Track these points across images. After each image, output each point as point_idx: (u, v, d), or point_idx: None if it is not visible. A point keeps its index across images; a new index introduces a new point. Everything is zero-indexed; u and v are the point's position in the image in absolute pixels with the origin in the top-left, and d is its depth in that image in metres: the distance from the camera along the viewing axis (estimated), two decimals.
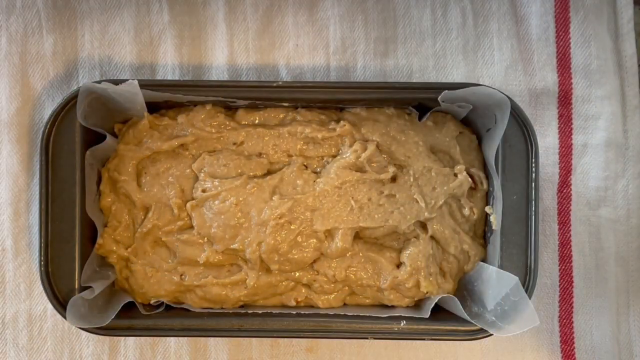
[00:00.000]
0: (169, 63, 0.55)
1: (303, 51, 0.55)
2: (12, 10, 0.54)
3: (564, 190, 0.55)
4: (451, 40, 0.55)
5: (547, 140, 0.55)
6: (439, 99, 0.48)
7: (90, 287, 0.49)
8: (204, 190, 0.50)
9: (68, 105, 0.48)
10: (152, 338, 0.55)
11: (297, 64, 0.55)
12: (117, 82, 0.47)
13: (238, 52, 0.55)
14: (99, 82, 0.47)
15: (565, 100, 0.55)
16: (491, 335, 0.48)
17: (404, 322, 0.49)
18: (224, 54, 0.55)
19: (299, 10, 0.55)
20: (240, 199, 0.50)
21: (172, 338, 0.54)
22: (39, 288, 0.54)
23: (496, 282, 0.48)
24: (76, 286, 0.48)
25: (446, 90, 0.47)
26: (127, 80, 0.47)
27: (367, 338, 0.49)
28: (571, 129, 0.56)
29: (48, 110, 0.55)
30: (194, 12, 0.55)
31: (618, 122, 0.55)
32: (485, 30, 0.55)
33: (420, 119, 0.52)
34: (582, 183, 0.56)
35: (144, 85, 0.47)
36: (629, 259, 0.55)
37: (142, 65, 0.55)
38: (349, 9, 0.55)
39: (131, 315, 0.50)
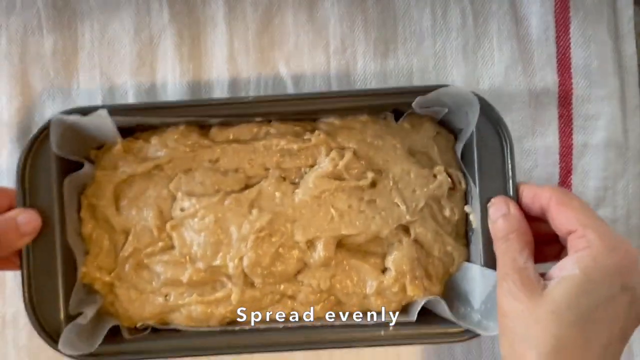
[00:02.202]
0: (169, 62, 0.55)
1: (303, 50, 0.55)
2: (12, 10, 0.54)
3: None
4: (451, 40, 0.55)
5: (547, 140, 0.55)
6: (412, 105, 0.48)
7: (80, 313, 0.48)
8: (182, 210, 0.50)
9: (40, 137, 0.47)
10: None
11: (297, 63, 0.55)
12: (87, 111, 0.47)
13: (238, 50, 0.55)
14: (69, 112, 0.47)
15: (565, 100, 0.55)
16: (479, 335, 0.48)
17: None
18: (224, 53, 0.55)
19: (299, 9, 0.55)
20: (219, 215, 0.49)
21: None
22: None
23: (481, 280, 0.48)
24: (62, 317, 0.48)
25: (418, 97, 0.47)
26: (98, 109, 0.47)
27: (355, 347, 0.49)
28: (571, 129, 0.56)
29: (49, 110, 0.55)
30: (193, 11, 0.55)
31: (618, 122, 0.55)
32: (485, 30, 0.55)
33: (396, 120, 0.52)
34: (582, 183, 0.56)
35: (113, 111, 0.47)
36: None
37: (141, 65, 0.55)
38: (349, 9, 0.55)
39: (118, 340, 0.49)
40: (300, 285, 0.51)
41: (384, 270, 0.51)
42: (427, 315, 0.50)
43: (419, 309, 0.49)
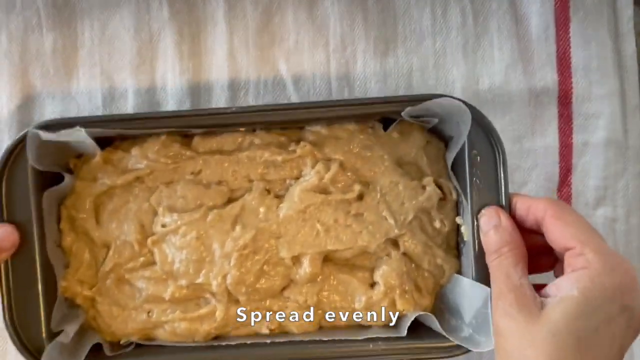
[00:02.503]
0: (169, 60, 0.55)
1: (303, 48, 0.55)
2: (12, 8, 0.55)
3: (564, 190, 0.56)
4: (451, 39, 0.55)
5: (547, 140, 0.55)
6: (402, 114, 0.47)
7: (61, 330, 0.47)
8: (163, 225, 0.49)
9: (17, 150, 0.46)
10: None
11: (297, 62, 0.55)
12: (64, 123, 0.46)
13: (238, 48, 0.55)
14: (46, 125, 0.46)
15: (565, 99, 0.55)
16: (470, 351, 0.47)
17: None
18: (224, 51, 0.55)
19: (299, 7, 0.55)
20: (201, 232, 0.48)
21: None
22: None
23: (470, 294, 0.47)
24: (44, 334, 0.47)
25: (408, 108, 0.47)
26: (74, 122, 0.46)
27: None
28: (571, 128, 0.56)
29: (49, 108, 0.55)
30: (193, 9, 0.55)
31: (618, 122, 0.55)
32: (485, 29, 0.55)
33: (385, 129, 0.51)
34: (582, 182, 0.56)
35: (91, 123, 0.46)
36: (630, 259, 0.55)
37: (141, 63, 0.55)
38: (349, 7, 0.55)
39: (101, 356, 0.48)
40: (286, 301, 0.50)
41: (372, 285, 0.50)
42: (417, 328, 0.49)
43: (408, 323, 0.48)
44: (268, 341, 0.48)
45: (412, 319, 0.48)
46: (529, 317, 0.39)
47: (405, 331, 0.48)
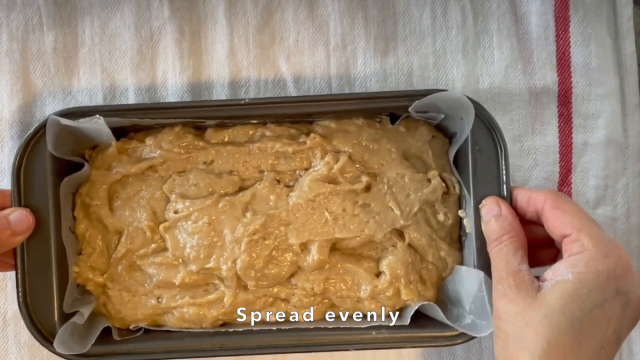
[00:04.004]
0: (169, 58, 0.55)
1: (303, 47, 0.55)
2: (13, 7, 0.55)
3: (564, 189, 0.56)
4: (451, 38, 0.56)
5: (547, 139, 0.55)
6: (409, 109, 0.49)
7: (74, 313, 0.48)
8: (175, 212, 0.50)
9: (36, 137, 0.47)
10: None
11: (297, 60, 0.55)
12: (83, 111, 0.47)
13: (238, 46, 0.55)
14: (65, 113, 0.47)
15: (565, 99, 0.55)
16: (473, 338, 0.48)
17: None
18: (224, 49, 0.55)
19: (299, 5, 0.55)
20: (213, 217, 0.50)
21: None
22: None
23: (467, 280, 0.48)
24: (56, 317, 0.48)
25: (416, 102, 0.48)
26: (94, 109, 0.47)
27: (348, 349, 0.49)
28: (571, 127, 0.56)
29: (50, 106, 0.55)
30: (194, 7, 0.55)
31: (618, 121, 0.55)
32: (485, 29, 0.56)
33: (392, 122, 0.52)
34: (582, 182, 0.56)
35: (109, 111, 0.48)
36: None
37: (142, 61, 0.55)
38: (349, 6, 0.55)
39: (111, 340, 0.49)
40: (293, 289, 0.51)
41: (378, 275, 0.51)
42: (419, 318, 0.50)
43: (412, 312, 0.49)
44: (274, 328, 0.49)
45: (416, 308, 0.49)
46: (526, 300, 0.41)
47: (409, 320, 0.49)
